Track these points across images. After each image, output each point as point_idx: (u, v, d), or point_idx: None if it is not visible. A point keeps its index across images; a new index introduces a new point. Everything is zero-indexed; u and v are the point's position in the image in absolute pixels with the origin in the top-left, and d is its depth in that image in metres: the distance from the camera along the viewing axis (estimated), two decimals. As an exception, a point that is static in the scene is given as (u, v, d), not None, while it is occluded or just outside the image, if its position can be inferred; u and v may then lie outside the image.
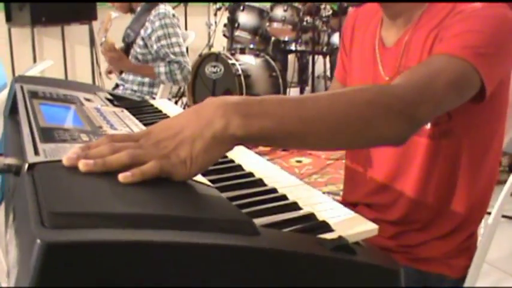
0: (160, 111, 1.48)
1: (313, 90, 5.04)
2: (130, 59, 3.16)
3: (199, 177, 0.82)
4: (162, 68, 3.03)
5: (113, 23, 3.02)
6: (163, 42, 3.03)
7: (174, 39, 3.04)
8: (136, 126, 1.15)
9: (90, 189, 0.68)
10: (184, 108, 4.96)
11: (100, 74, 5.23)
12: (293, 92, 5.46)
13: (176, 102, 4.95)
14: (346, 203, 1.47)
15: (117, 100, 1.51)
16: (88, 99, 1.33)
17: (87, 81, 5.27)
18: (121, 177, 0.71)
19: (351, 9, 4.80)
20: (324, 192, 3.26)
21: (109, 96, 1.47)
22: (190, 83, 4.56)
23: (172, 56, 3.04)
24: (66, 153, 0.75)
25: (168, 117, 1.43)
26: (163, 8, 3.08)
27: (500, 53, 1.13)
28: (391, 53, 1.30)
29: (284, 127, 0.81)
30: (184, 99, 4.91)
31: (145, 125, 1.25)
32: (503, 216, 2.96)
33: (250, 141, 0.80)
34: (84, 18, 5.18)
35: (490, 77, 1.10)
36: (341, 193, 1.55)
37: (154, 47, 3.05)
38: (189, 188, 0.77)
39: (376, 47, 1.34)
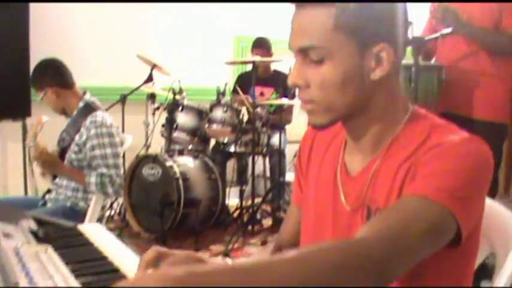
0: (92, 244, 1.35)
1: (253, 189, 4.93)
2: (65, 163, 3.01)
3: None
4: (92, 179, 2.89)
5: (45, 126, 2.89)
6: (97, 152, 2.90)
7: (108, 150, 2.91)
8: (60, 275, 1.03)
9: None
10: (120, 210, 4.79)
11: (32, 172, 5.02)
12: (233, 191, 5.36)
13: (112, 204, 4.77)
14: None
15: (42, 226, 1.38)
16: (7, 235, 1.20)
17: (19, 180, 5.03)
18: None
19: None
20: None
21: (33, 227, 1.34)
22: (127, 185, 4.41)
23: (104, 169, 2.90)
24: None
25: (97, 250, 1.30)
26: (100, 115, 2.95)
27: (476, 195, 1.06)
28: (356, 182, 1.19)
29: None
30: (121, 200, 4.74)
31: (70, 263, 1.13)
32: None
33: None
34: (18, 115, 5.00)
35: (467, 221, 1.02)
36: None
37: (88, 155, 2.92)
38: None
39: (338, 173, 1.23)
